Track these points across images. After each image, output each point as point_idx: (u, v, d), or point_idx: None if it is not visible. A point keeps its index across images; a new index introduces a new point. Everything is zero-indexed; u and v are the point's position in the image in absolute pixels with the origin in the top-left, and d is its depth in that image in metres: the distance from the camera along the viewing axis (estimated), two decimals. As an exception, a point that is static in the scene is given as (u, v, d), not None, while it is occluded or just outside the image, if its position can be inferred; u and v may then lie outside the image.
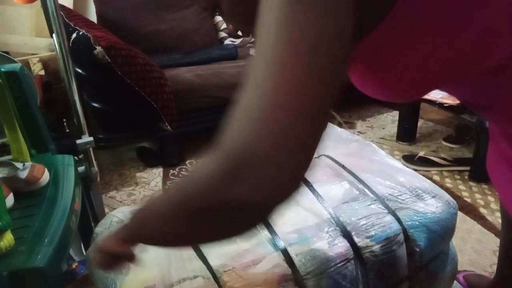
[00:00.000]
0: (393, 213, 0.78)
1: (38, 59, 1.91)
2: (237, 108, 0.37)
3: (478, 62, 0.45)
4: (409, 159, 1.86)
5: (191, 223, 0.41)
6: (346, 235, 0.73)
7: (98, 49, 1.51)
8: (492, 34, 0.42)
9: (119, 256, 0.53)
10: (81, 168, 1.17)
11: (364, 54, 0.47)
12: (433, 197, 0.84)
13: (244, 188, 0.35)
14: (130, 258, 0.54)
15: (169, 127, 1.79)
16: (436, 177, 1.75)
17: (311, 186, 0.83)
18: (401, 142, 2.09)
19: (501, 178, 0.62)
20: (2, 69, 0.90)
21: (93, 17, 2.29)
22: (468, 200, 1.57)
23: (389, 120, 2.36)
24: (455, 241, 0.91)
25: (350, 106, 2.44)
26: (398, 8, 0.40)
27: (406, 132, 2.09)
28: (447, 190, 1.52)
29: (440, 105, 1.66)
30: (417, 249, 0.77)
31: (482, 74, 0.48)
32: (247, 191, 0.35)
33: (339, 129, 1.10)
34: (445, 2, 0.40)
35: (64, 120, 1.80)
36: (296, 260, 0.68)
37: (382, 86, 0.50)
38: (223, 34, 2.47)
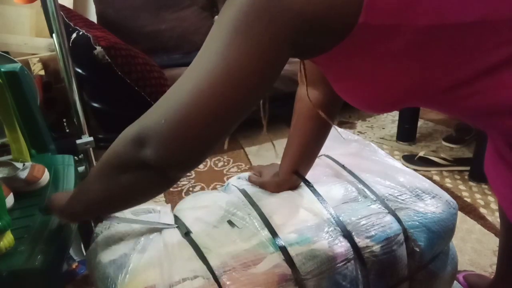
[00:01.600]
0: (393, 213, 0.78)
1: (38, 59, 1.92)
2: (161, 99, 0.49)
3: (443, 77, 0.47)
4: (409, 159, 1.86)
5: (109, 177, 0.53)
6: (346, 235, 0.73)
7: (98, 49, 1.52)
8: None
9: None
10: (81, 168, 1.17)
11: (330, 64, 0.52)
12: (433, 197, 0.84)
13: (148, 151, 0.47)
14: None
15: (169, 127, 1.79)
16: (436, 177, 1.75)
17: (311, 186, 0.83)
18: (401, 142, 2.09)
19: (499, 180, 0.62)
20: (2, 69, 0.90)
21: (93, 17, 2.29)
22: (468, 200, 1.57)
23: (389, 120, 2.36)
24: (455, 241, 0.91)
25: (350, 106, 2.44)
26: (352, 38, 0.44)
27: (406, 132, 2.09)
28: (447, 190, 1.52)
29: (440, 105, 1.66)
30: (417, 249, 0.77)
31: (453, 92, 0.49)
32: (149, 153, 0.47)
33: (339, 129, 1.10)
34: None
35: (64, 120, 1.80)
36: (296, 260, 0.68)
37: (348, 95, 0.54)
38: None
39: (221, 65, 0.44)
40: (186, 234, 0.73)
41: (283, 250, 0.69)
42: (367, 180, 0.86)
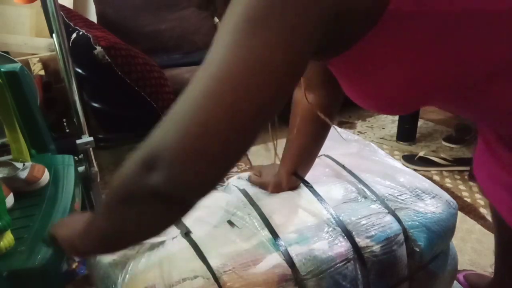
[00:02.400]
0: (393, 213, 0.78)
1: (38, 59, 1.92)
2: (170, 111, 0.40)
3: (461, 76, 0.46)
4: (409, 159, 1.86)
5: (115, 213, 0.46)
6: (346, 235, 0.73)
7: (98, 49, 1.51)
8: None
9: None
10: (81, 168, 1.17)
11: (349, 65, 0.49)
12: (433, 197, 0.84)
13: (156, 177, 0.39)
14: None
15: (169, 127, 1.79)
16: (436, 177, 1.75)
17: (311, 186, 0.83)
18: (401, 142, 2.09)
19: (491, 181, 0.62)
20: (2, 69, 0.90)
21: (93, 17, 2.29)
22: (468, 200, 1.57)
23: (389, 120, 2.36)
24: (455, 241, 0.91)
25: (350, 106, 2.44)
26: (379, 27, 0.41)
27: (406, 132, 2.09)
28: (447, 190, 1.52)
29: (440, 105, 1.66)
30: (417, 249, 0.77)
31: (467, 89, 0.48)
32: (158, 180, 0.39)
33: (339, 129, 1.10)
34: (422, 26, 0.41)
35: (64, 120, 1.80)
36: (296, 260, 0.68)
37: (368, 97, 0.51)
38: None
39: (241, 57, 0.38)
40: (186, 234, 0.73)
41: (283, 250, 0.69)
42: (367, 180, 0.86)
